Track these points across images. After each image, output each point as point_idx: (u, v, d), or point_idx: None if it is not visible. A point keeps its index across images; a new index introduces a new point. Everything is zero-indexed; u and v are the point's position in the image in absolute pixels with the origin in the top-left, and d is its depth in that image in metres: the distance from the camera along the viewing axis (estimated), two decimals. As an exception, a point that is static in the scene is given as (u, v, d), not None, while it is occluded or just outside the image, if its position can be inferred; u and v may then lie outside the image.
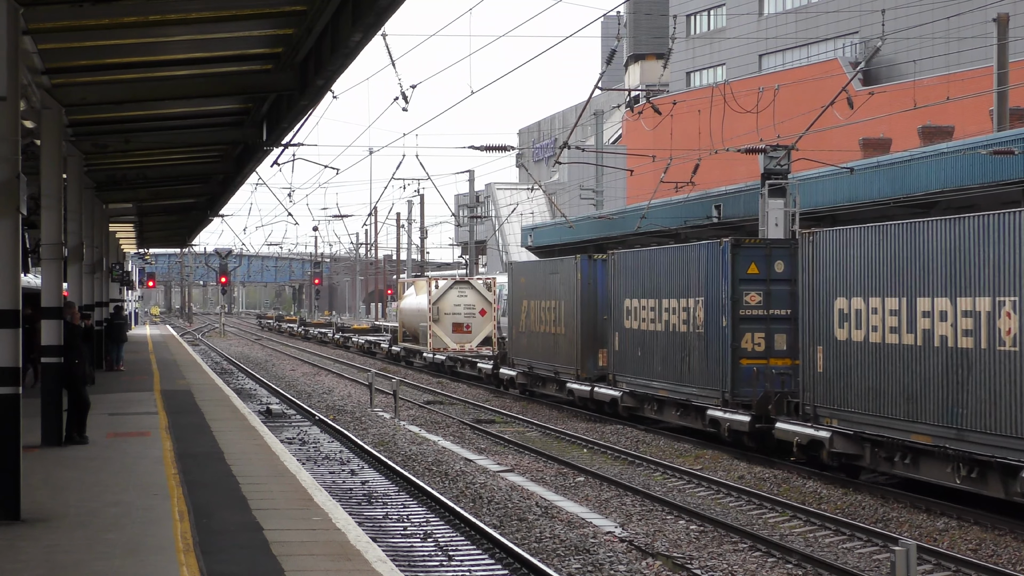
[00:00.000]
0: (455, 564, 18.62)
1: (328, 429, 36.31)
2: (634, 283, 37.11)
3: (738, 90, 52.60)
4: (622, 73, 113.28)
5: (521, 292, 47.10)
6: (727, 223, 51.60)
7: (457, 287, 59.84)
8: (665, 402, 35.14)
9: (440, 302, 59.36)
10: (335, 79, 21.57)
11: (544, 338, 44.01)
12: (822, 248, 27.61)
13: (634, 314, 36.87)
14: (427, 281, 60.87)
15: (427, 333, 59.61)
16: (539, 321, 44.46)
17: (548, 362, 43.70)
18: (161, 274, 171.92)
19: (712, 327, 32.26)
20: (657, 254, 36.48)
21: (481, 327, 59.46)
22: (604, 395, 38.32)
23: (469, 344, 58.98)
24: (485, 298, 59.73)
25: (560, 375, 42.58)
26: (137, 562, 13.39)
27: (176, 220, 59.01)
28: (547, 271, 44.59)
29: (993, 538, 21.00)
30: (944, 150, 41.45)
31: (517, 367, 47.50)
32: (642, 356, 36.26)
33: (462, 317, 59.42)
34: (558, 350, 42.50)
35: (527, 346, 46.26)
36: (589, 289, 40.43)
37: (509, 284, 48.47)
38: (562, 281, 42.13)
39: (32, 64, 21.02)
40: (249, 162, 34.80)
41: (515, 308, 47.77)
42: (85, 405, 23.38)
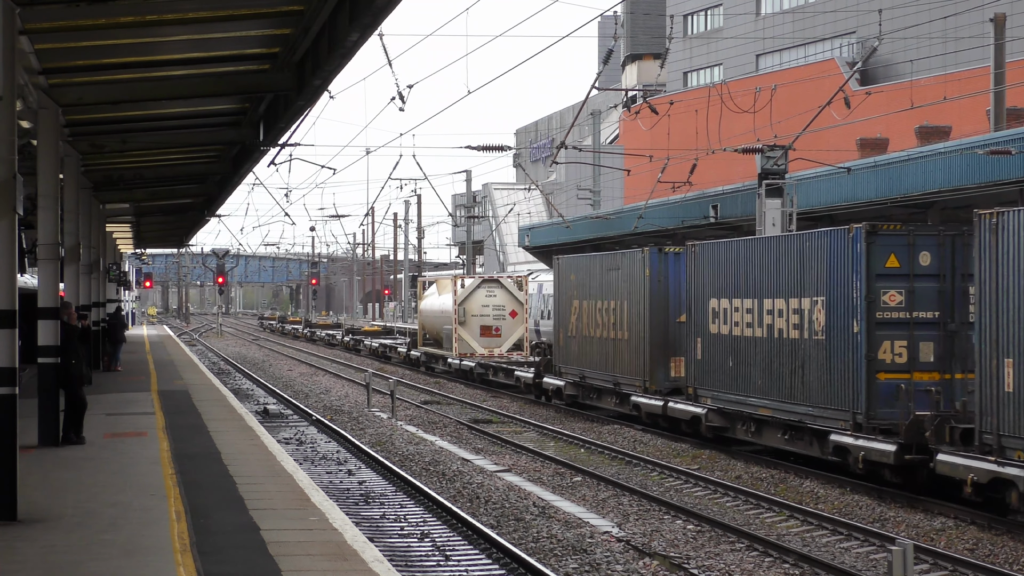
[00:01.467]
0: (452, 564, 18.61)
1: (325, 429, 36.30)
2: (723, 280, 31.77)
3: (735, 90, 52.59)
4: (619, 73, 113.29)
5: (571, 291, 41.68)
6: (724, 223, 51.62)
7: (485, 286, 54.68)
8: (767, 423, 29.61)
9: (467, 302, 54.21)
10: (332, 79, 21.56)
11: (600, 344, 38.78)
12: (1013, 234, 22.04)
13: (723, 317, 31.58)
14: (452, 280, 55.79)
15: (452, 337, 54.72)
16: (594, 324, 39.36)
17: (605, 371, 38.37)
18: (158, 274, 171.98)
19: (837, 333, 26.78)
20: (756, 245, 30.89)
21: (511, 330, 54.35)
22: (682, 412, 33.13)
23: (498, 349, 53.88)
24: (516, 298, 54.39)
25: (621, 387, 37.20)
26: (134, 563, 13.38)
27: (173, 220, 58.99)
28: (605, 266, 38.98)
29: (990, 538, 21.00)
30: (941, 150, 41.45)
31: (565, 376, 41.97)
32: (734, 367, 30.92)
33: (491, 319, 54.26)
34: (619, 358, 37.32)
35: (578, 353, 40.77)
36: (660, 287, 35.39)
37: (555, 282, 43.13)
38: (625, 278, 37.02)
39: (28, 64, 21.01)
40: (246, 162, 34.79)
41: (563, 309, 42.38)
42: (82, 405, 23.37)
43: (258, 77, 24.08)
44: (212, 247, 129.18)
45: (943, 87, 55.66)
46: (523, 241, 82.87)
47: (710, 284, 32.48)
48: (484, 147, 52.80)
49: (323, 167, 45.46)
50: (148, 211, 52.79)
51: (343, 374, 60.53)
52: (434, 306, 60.04)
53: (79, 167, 32.55)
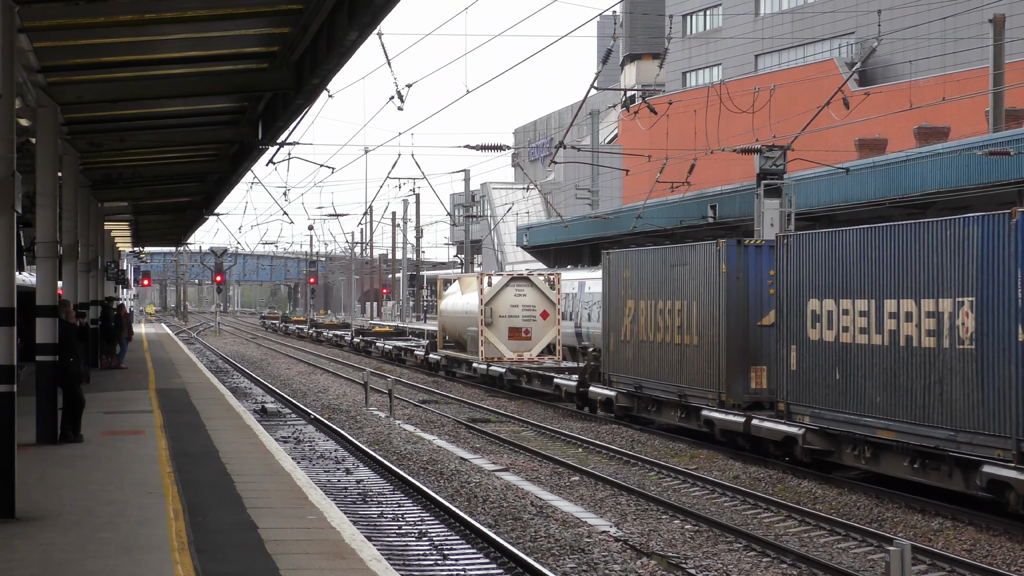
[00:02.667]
0: (450, 563, 18.61)
1: (323, 428, 36.30)
2: (827, 276, 26.81)
3: (734, 90, 52.63)
4: (618, 73, 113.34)
5: (624, 289, 36.91)
6: (723, 223, 51.70)
7: (514, 284, 50.33)
8: (887, 448, 24.92)
9: (494, 302, 49.85)
10: (331, 78, 21.56)
11: (662, 350, 34.31)
12: None
13: (827, 320, 26.70)
14: (478, 277, 51.66)
15: (477, 340, 50.39)
16: (653, 327, 34.84)
17: (668, 381, 33.86)
18: (156, 273, 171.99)
19: (993, 341, 22.05)
20: (876, 235, 25.47)
21: (542, 332, 49.96)
22: (771, 431, 28.54)
23: (528, 352, 49.48)
24: (547, 297, 49.95)
25: (688, 399, 32.77)
26: (132, 561, 13.38)
27: (171, 219, 59.01)
28: (668, 261, 34.37)
29: (988, 538, 21.00)
30: (940, 151, 41.55)
31: (617, 386, 37.18)
32: (842, 381, 26.11)
33: (520, 320, 49.98)
34: (686, 366, 32.95)
35: (633, 359, 36.09)
36: (738, 285, 30.96)
37: (605, 279, 38.61)
38: (694, 275, 32.62)
39: (27, 62, 21.02)
40: (244, 161, 34.79)
41: (613, 310, 37.59)
42: (80, 403, 23.38)
43: (257, 76, 24.08)
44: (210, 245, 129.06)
45: (942, 88, 55.70)
46: (521, 240, 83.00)
47: (809, 281, 27.53)
48: (483, 146, 52.84)
49: (321, 166, 45.46)
50: (146, 209, 52.79)
51: (341, 373, 60.51)
52: (457, 306, 55.92)
53: (78, 165, 32.56)
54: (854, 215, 46.53)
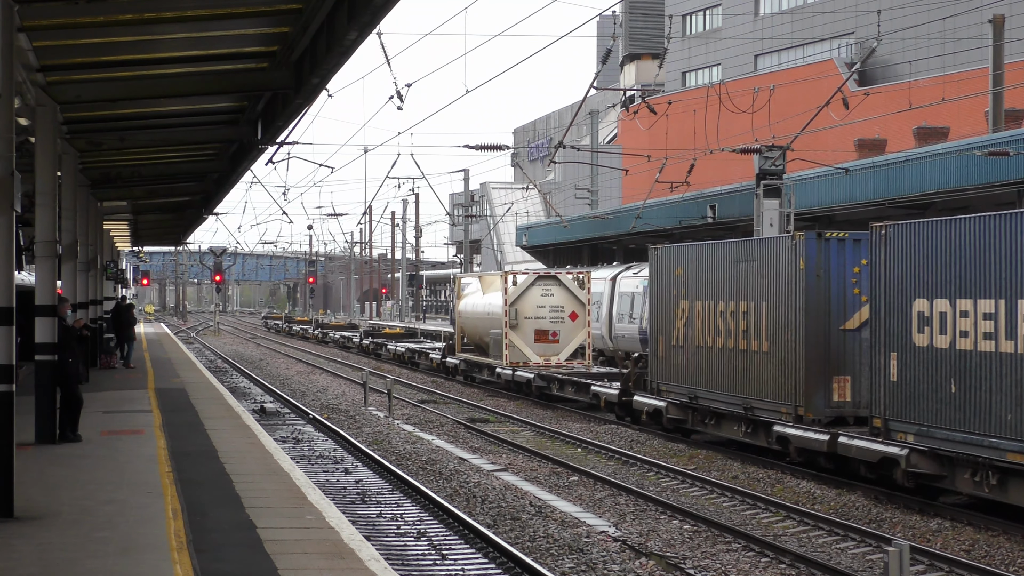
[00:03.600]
0: (448, 563, 18.61)
1: (322, 428, 36.30)
2: (939, 272, 23.41)
3: (733, 90, 52.65)
4: (618, 73, 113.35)
5: (676, 288, 33.41)
6: (722, 223, 51.70)
7: (541, 283, 47.08)
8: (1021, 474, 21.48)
9: (519, 302, 46.60)
10: (330, 77, 21.56)
11: (723, 357, 30.78)
12: None
13: (938, 323, 23.28)
14: (502, 276, 48.39)
15: (501, 343, 47.15)
16: (712, 331, 31.39)
17: (730, 392, 30.40)
18: (156, 272, 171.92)
19: None
20: (1003, 222, 21.90)
21: (571, 335, 46.72)
22: (867, 451, 24.94)
23: (556, 357, 46.26)
24: (576, 297, 46.69)
25: (756, 412, 29.24)
26: (130, 560, 13.38)
27: (171, 218, 58.99)
28: (731, 257, 30.82)
29: (986, 539, 21.01)
30: (939, 151, 41.55)
31: (667, 396, 33.68)
32: (959, 394, 22.63)
33: (547, 322, 46.76)
34: (753, 375, 29.49)
35: (687, 367, 32.50)
36: (819, 284, 27.59)
37: (652, 277, 35.04)
38: (763, 272, 29.24)
39: (27, 61, 21.01)
40: (244, 160, 34.78)
41: (663, 312, 34.03)
42: (78, 402, 23.38)
43: (256, 75, 24.08)
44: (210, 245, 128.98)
45: (941, 88, 55.72)
46: (521, 240, 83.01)
47: (916, 278, 24.02)
48: (482, 146, 52.88)
49: (321, 165, 45.61)
50: (146, 209, 52.78)
51: (341, 373, 60.50)
52: (477, 307, 52.45)
53: (77, 165, 32.55)
54: (853, 215, 46.56)
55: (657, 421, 34.27)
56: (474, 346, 53.89)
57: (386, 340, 74.90)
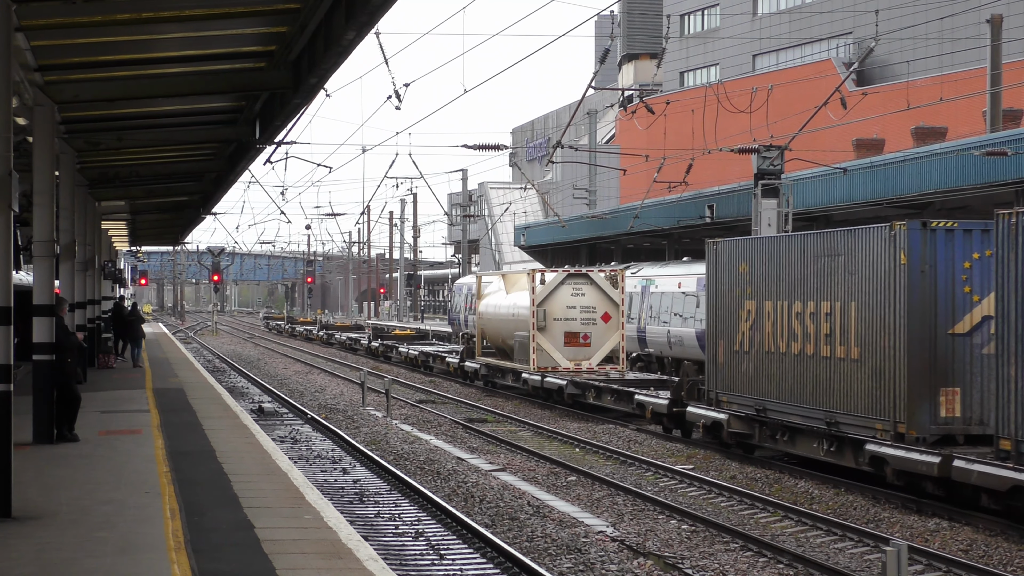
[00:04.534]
0: (446, 563, 18.61)
1: (320, 427, 36.30)
2: None
3: (731, 90, 52.66)
4: (616, 72, 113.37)
5: (740, 287, 29.86)
6: (720, 223, 51.69)
7: (571, 282, 43.81)
8: None
9: (547, 303, 43.39)
10: (328, 77, 21.56)
11: (801, 364, 27.13)
12: None
13: None
14: (529, 274, 44.96)
15: (527, 346, 43.98)
16: (787, 335, 27.72)
17: (810, 405, 26.73)
18: (154, 272, 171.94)
19: None
20: None
21: (603, 337, 43.41)
22: (990, 478, 21.41)
23: (587, 361, 43.08)
24: (609, 297, 43.46)
25: (842, 427, 25.58)
26: (128, 560, 13.37)
27: (169, 218, 58.98)
28: (810, 250, 27.11)
29: (984, 539, 21.00)
30: (937, 151, 41.55)
31: (728, 407, 30.12)
32: None
33: (577, 324, 43.48)
34: (838, 385, 25.83)
35: (754, 375, 28.98)
36: (923, 282, 24.02)
37: (710, 274, 31.47)
38: (855, 268, 25.50)
39: (24, 61, 21.00)
40: (242, 160, 34.78)
41: (724, 313, 30.56)
42: (75, 402, 23.37)
43: (254, 75, 24.07)
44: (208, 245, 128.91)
45: (939, 88, 55.71)
46: (519, 240, 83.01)
47: None
48: (480, 146, 52.84)
49: (319, 165, 45.61)
50: (144, 209, 52.77)
51: (339, 373, 60.49)
52: (500, 307, 49.09)
53: (75, 164, 32.53)
54: (851, 215, 46.56)
55: (715, 435, 30.86)
56: (496, 349, 51.12)
57: (396, 342, 71.61)
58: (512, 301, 47.25)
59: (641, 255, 66.74)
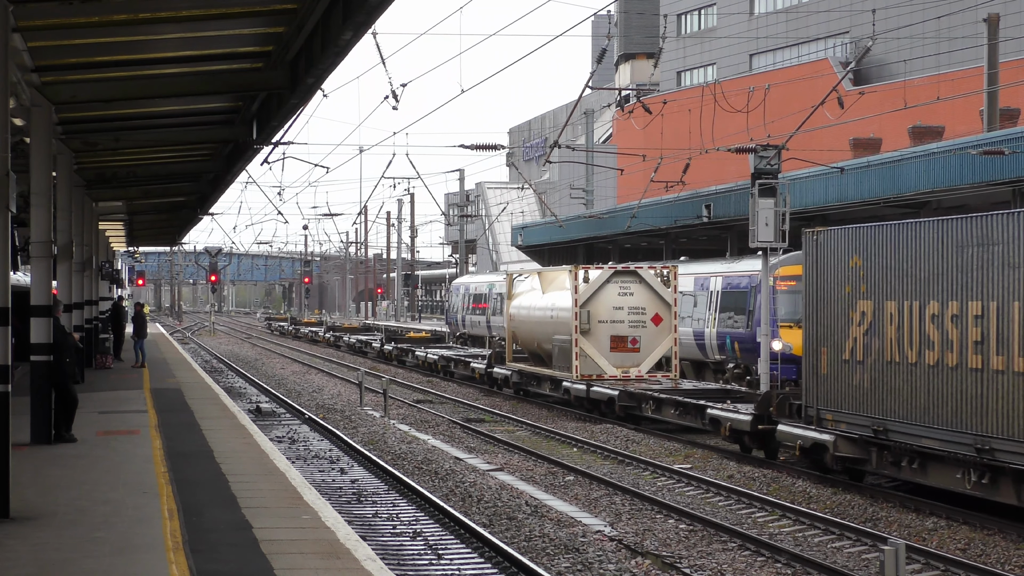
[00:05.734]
0: (444, 563, 18.61)
1: (318, 427, 36.29)
2: None
3: (728, 90, 52.69)
4: (612, 72, 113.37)
5: (850, 284, 25.42)
6: (717, 223, 51.70)
7: (617, 280, 39.82)
8: None
9: (592, 303, 39.58)
10: (325, 77, 21.56)
11: (938, 377, 22.86)
12: None
13: None
14: (571, 271, 40.71)
15: (568, 351, 39.93)
16: (916, 341, 23.50)
17: (950, 427, 22.50)
18: (151, 272, 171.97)
19: None
20: None
21: (653, 342, 39.63)
22: None
23: (636, 368, 39.25)
24: (660, 297, 39.64)
25: (998, 455, 21.40)
26: (126, 560, 13.38)
27: (166, 218, 58.99)
28: (951, 239, 22.71)
29: (982, 537, 21.02)
30: (934, 150, 41.55)
31: (833, 426, 25.83)
32: None
33: (625, 326, 39.52)
34: (994, 404, 21.48)
35: (871, 389, 24.70)
36: None
37: (809, 270, 27.08)
38: (1011, 259, 21.15)
39: (22, 62, 21.00)
40: (239, 160, 34.79)
41: (828, 315, 26.14)
42: (72, 402, 23.39)
43: (251, 75, 24.07)
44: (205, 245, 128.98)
45: (936, 87, 55.76)
46: (516, 240, 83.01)
47: None
48: (477, 146, 52.85)
49: (316, 165, 45.53)
50: (141, 209, 52.77)
51: (336, 373, 60.48)
52: (535, 308, 44.53)
53: (72, 165, 32.53)
54: (848, 215, 46.56)
55: (814, 458, 26.62)
56: (529, 354, 46.45)
57: (412, 345, 66.55)
58: (550, 301, 43.02)
59: (638, 255, 66.71)
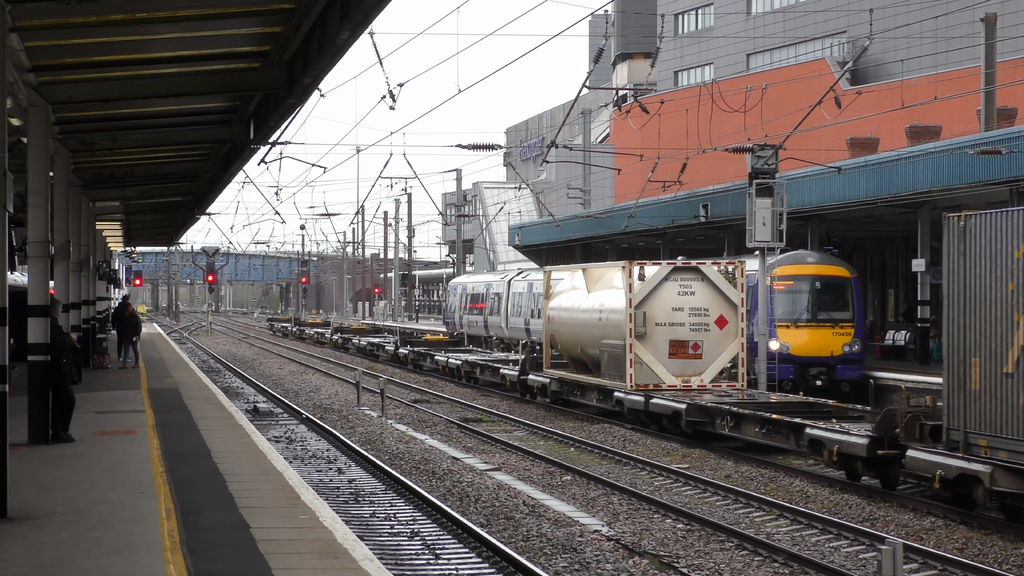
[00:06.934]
0: (442, 563, 18.61)
1: (315, 427, 36.28)
2: None
3: (726, 89, 52.68)
4: (610, 72, 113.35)
5: (1012, 280, 20.99)
6: (714, 222, 51.73)
7: (677, 278, 35.72)
8: None
9: (648, 303, 35.47)
10: (323, 77, 21.56)
11: None
12: None
13: None
14: (624, 269, 36.22)
15: (621, 358, 35.87)
16: None
17: None
18: (148, 272, 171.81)
19: None
20: None
21: (718, 347, 35.61)
22: None
23: (698, 377, 35.20)
24: (725, 296, 35.58)
25: None
26: (124, 560, 13.38)
27: (163, 218, 58.97)
28: None
29: (979, 537, 21.03)
30: (931, 150, 41.57)
31: (992, 454, 21.47)
32: None
33: (686, 330, 35.41)
34: None
35: None
36: None
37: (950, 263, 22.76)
38: None
39: (19, 62, 20.99)
40: (236, 160, 34.78)
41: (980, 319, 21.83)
42: (70, 402, 23.38)
43: (248, 75, 24.07)
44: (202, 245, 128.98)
45: (934, 87, 55.74)
46: (513, 240, 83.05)
47: None
48: (474, 146, 52.86)
49: (313, 165, 45.58)
50: (138, 209, 52.75)
51: (333, 373, 60.47)
52: (579, 308, 40.36)
53: (69, 165, 32.52)
54: (846, 214, 46.58)
55: (959, 492, 22.51)
56: (569, 360, 42.50)
57: (430, 349, 62.14)
58: (597, 301, 38.78)
59: (635, 255, 66.74)
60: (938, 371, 25.02)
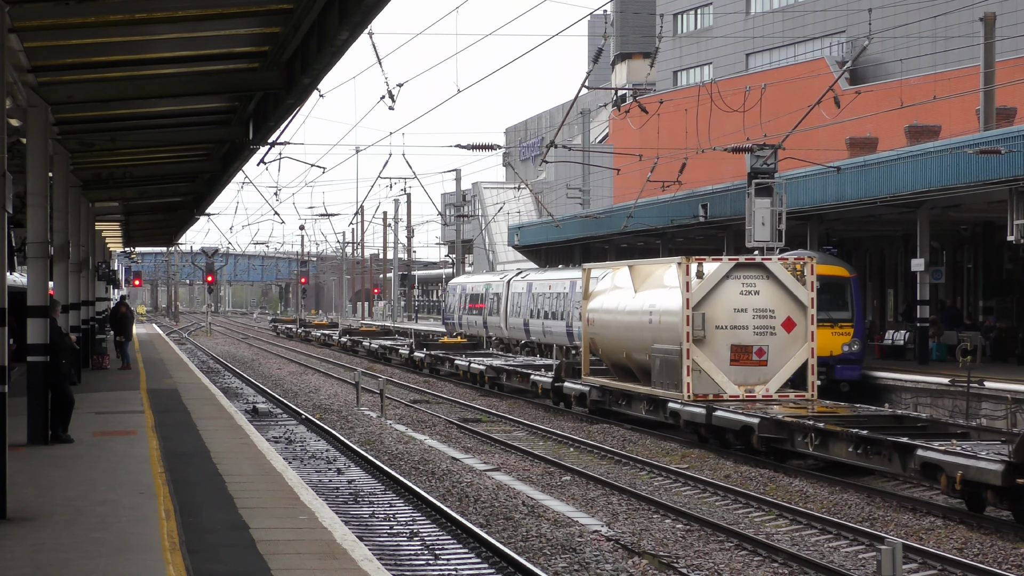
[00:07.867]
0: (441, 563, 18.61)
1: (314, 428, 36.28)
2: None
3: (725, 89, 52.66)
4: (609, 72, 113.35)
5: None
6: (713, 222, 51.72)
7: (739, 275, 32.40)
8: None
9: (706, 303, 32.23)
10: (322, 77, 21.57)
11: None
12: None
13: None
14: (680, 264, 32.76)
15: (676, 364, 32.54)
16: None
17: None
18: (147, 273, 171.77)
19: None
20: None
21: (785, 352, 32.35)
22: None
23: (763, 386, 31.92)
24: (793, 296, 32.35)
25: None
26: (123, 561, 13.37)
27: (162, 219, 58.97)
28: None
29: (979, 537, 21.03)
30: (931, 149, 41.56)
31: None
32: None
33: (749, 333, 32.10)
34: None
35: None
36: None
37: None
38: None
39: (18, 62, 20.99)
40: (235, 161, 34.78)
41: None
42: (69, 403, 23.37)
43: (248, 75, 24.07)
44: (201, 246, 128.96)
45: (933, 86, 55.75)
46: (513, 240, 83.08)
47: None
48: (474, 146, 52.91)
49: (312, 166, 45.67)
50: (137, 209, 52.75)
51: (333, 373, 60.48)
52: (624, 310, 36.84)
53: (68, 165, 32.51)
54: (845, 214, 46.57)
55: None
56: (611, 366, 38.87)
57: (449, 352, 58.44)
58: (647, 301, 35.35)
59: (635, 255, 66.75)
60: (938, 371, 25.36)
